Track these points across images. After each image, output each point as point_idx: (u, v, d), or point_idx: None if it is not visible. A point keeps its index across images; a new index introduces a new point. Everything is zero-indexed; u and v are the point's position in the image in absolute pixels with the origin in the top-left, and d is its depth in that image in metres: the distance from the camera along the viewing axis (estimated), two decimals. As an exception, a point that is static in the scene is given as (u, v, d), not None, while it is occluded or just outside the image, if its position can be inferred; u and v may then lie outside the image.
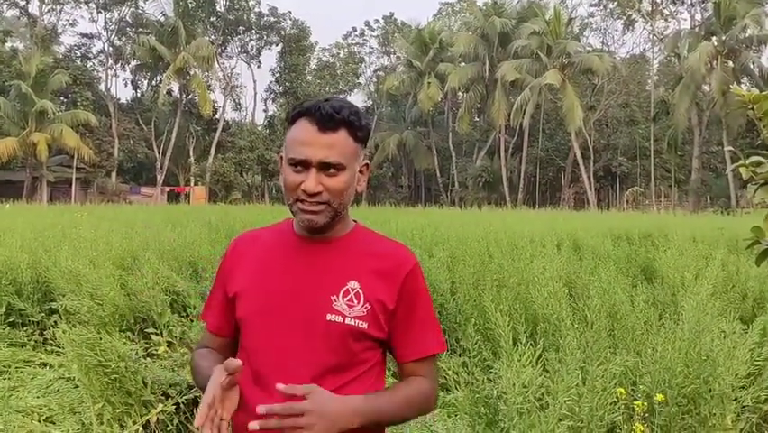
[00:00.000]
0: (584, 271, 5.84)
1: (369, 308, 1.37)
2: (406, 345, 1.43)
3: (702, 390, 3.02)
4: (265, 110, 57.98)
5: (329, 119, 1.33)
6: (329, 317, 1.35)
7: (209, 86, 48.19)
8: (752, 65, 35.11)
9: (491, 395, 2.98)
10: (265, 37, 52.80)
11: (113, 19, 46.92)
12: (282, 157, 1.41)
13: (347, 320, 1.35)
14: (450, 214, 20.35)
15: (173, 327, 4.93)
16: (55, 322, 5.30)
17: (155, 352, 4.54)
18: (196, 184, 47.24)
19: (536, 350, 3.06)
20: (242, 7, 49.97)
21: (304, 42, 52.52)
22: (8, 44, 45.64)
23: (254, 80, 75.13)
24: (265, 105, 55.94)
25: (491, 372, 3.50)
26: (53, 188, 41.10)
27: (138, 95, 50.93)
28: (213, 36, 49.06)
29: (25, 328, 5.63)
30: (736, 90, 2.12)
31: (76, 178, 41.35)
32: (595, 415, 2.74)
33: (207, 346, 1.55)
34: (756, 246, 2.09)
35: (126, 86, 51.65)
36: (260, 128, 53.55)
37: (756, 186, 2.04)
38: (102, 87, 47.38)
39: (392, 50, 58.90)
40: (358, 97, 57.15)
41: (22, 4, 45.08)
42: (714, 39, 35.64)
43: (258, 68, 68.73)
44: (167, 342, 4.70)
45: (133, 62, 47.05)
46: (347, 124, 1.36)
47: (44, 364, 4.73)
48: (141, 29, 45.63)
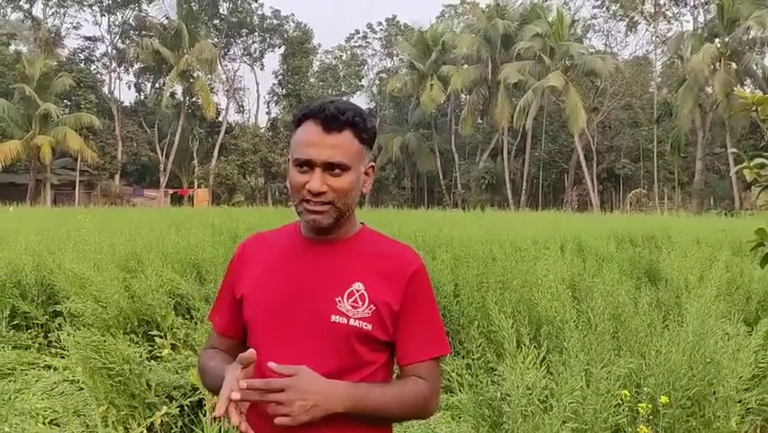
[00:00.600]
0: (587, 274, 5.83)
1: (373, 309, 1.37)
2: (408, 347, 1.41)
3: (706, 392, 3.02)
4: (268, 112, 57.97)
5: (334, 120, 1.35)
6: (333, 318, 1.35)
7: (212, 88, 48.35)
8: (755, 67, 35.04)
9: (495, 397, 2.98)
10: (268, 39, 52.95)
11: (116, 22, 47.14)
12: (289, 160, 1.43)
13: (351, 322, 1.35)
14: (453, 216, 20.35)
15: (177, 329, 4.94)
16: (59, 325, 5.33)
17: (159, 354, 4.55)
18: (199, 186, 47.32)
19: (540, 352, 3.06)
20: (245, 10, 50.14)
21: (307, 45, 52.62)
22: (12, 47, 45.94)
23: (257, 83, 75.35)
24: (268, 107, 55.99)
25: (495, 374, 3.49)
26: (57, 190, 41.23)
27: (141, 97, 51.12)
28: (216, 39, 49.18)
29: (30, 331, 5.66)
30: (740, 93, 2.12)
31: (79, 180, 41.48)
32: (599, 417, 2.73)
33: (215, 347, 1.55)
34: (760, 248, 2.09)
35: (130, 88, 52.00)
36: (262, 130, 53.59)
37: (760, 188, 2.04)
38: (105, 89, 47.61)
39: (395, 52, 58.86)
40: (360, 100, 57.13)
41: (26, 7, 45.28)
42: (717, 41, 35.58)
43: (261, 70, 69.08)
44: (171, 344, 4.71)
45: (137, 65, 47.33)
46: (352, 125, 1.37)
47: (49, 367, 4.75)
48: (144, 32, 45.82)
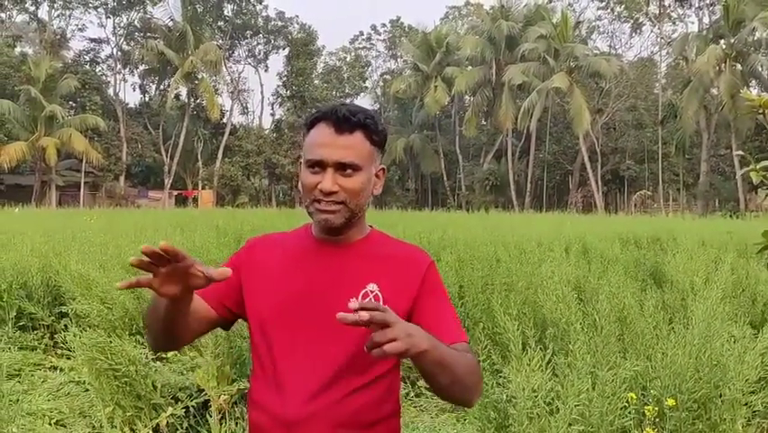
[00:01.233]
0: (593, 276, 5.82)
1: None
2: (444, 328, 1.34)
3: (713, 395, 3.01)
4: (272, 114, 58.17)
5: (345, 121, 1.37)
6: None
7: (217, 90, 48.44)
8: (760, 68, 34.85)
9: (501, 399, 2.98)
10: (272, 41, 53.02)
11: (121, 24, 47.27)
12: (301, 163, 1.43)
13: None
14: (457, 217, 20.31)
15: (182, 330, 4.94)
16: (65, 326, 5.34)
17: (164, 356, 4.55)
18: (203, 188, 47.41)
19: (546, 354, 3.05)
20: (250, 12, 50.25)
21: (311, 46, 52.66)
22: (18, 49, 46.14)
23: (261, 84, 74.92)
24: (272, 108, 56.13)
25: (500, 376, 3.49)
26: (62, 192, 41.36)
27: (146, 99, 51.23)
28: (220, 40, 49.23)
29: (36, 332, 5.68)
30: (746, 95, 2.12)
31: (84, 182, 41.60)
32: (605, 420, 2.73)
33: None
34: (767, 251, 2.09)
35: (134, 90, 52.14)
36: (267, 132, 53.63)
37: (767, 190, 2.04)
38: (110, 91, 47.73)
39: (399, 53, 58.93)
40: (365, 101, 57.19)
41: (32, 9, 45.47)
42: (722, 42, 35.48)
43: (265, 72, 69.20)
44: (176, 345, 4.70)
45: (142, 67, 47.43)
46: (363, 126, 1.38)
47: (55, 368, 4.77)
48: (149, 33, 45.95)
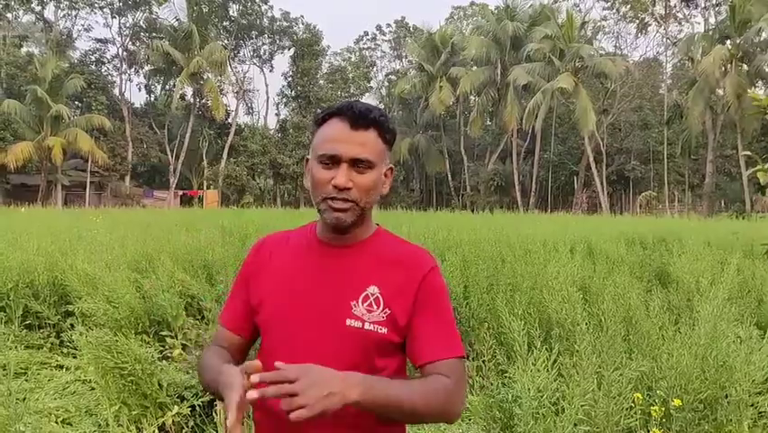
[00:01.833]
0: (598, 276, 5.81)
1: (388, 313, 1.36)
2: (426, 345, 1.36)
3: (719, 395, 3.01)
4: (277, 114, 58.36)
5: (362, 117, 1.36)
6: (348, 322, 1.34)
7: (222, 90, 48.62)
8: (767, 68, 34.78)
9: (506, 399, 2.97)
10: (277, 41, 53.14)
11: (127, 24, 47.40)
12: (308, 160, 1.43)
13: (366, 326, 1.34)
14: (462, 218, 20.28)
15: (188, 330, 4.96)
16: (71, 325, 5.37)
17: (170, 355, 4.56)
18: (208, 188, 47.53)
19: (551, 355, 3.05)
20: (255, 12, 50.33)
21: (316, 47, 52.74)
22: (24, 49, 46.33)
23: (266, 84, 75.43)
24: (277, 108, 56.19)
25: (506, 376, 3.49)
26: (68, 191, 41.51)
27: (152, 99, 51.43)
28: (226, 41, 49.38)
29: (42, 331, 5.69)
30: (753, 95, 2.12)
31: (90, 181, 41.73)
32: (611, 420, 2.73)
33: (221, 345, 1.51)
34: (774, 251, 2.08)
35: (140, 90, 52.63)
36: (272, 132, 53.76)
37: (774, 191, 2.04)
38: (116, 91, 47.89)
39: (404, 54, 58.98)
40: (369, 101, 56.94)
41: (38, 9, 45.64)
42: (728, 42, 35.36)
43: (270, 72, 69.40)
44: (181, 345, 4.73)
45: (147, 67, 47.54)
46: (377, 124, 1.39)
47: (61, 367, 4.78)
48: (154, 34, 46.07)
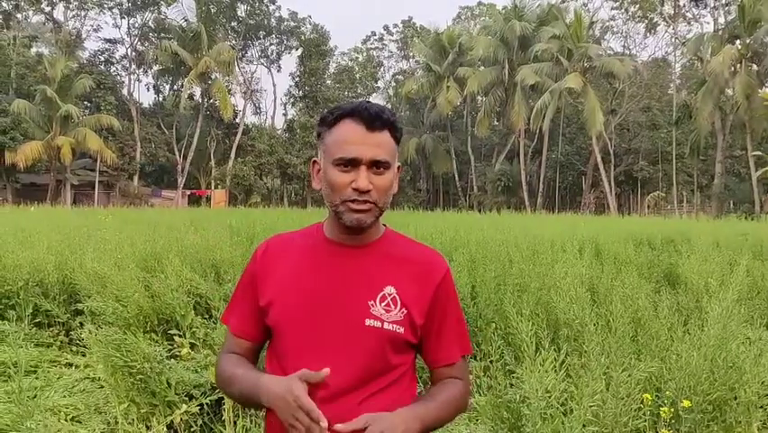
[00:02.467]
0: (606, 276, 5.79)
1: (405, 312, 1.37)
2: (441, 349, 1.45)
3: (728, 397, 2.99)
4: (284, 114, 58.50)
5: (377, 118, 1.36)
6: (368, 322, 1.35)
7: (230, 90, 48.72)
8: (776, 68, 34.56)
9: (514, 400, 2.97)
10: (285, 41, 53.28)
11: (136, 24, 47.67)
12: (316, 162, 1.43)
13: (385, 325, 1.35)
14: (469, 218, 20.27)
15: (196, 328, 4.97)
16: (81, 323, 5.40)
17: (178, 353, 4.58)
18: (216, 187, 47.69)
19: (559, 355, 3.04)
20: (263, 12, 50.50)
21: (323, 47, 52.85)
22: (34, 49, 46.65)
23: (274, 84, 76.11)
24: (285, 108, 56.39)
25: (513, 376, 3.48)
26: (77, 191, 41.76)
27: (160, 99, 51.61)
28: (234, 41, 49.54)
29: (51, 329, 5.74)
30: (763, 95, 2.10)
31: (99, 181, 41.97)
32: (619, 421, 2.72)
33: (233, 351, 1.51)
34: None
35: (149, 90, 52.84)
36: (279, 132, 53.91)
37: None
38: (125, 91, 48.16)
39: (411, 54, 58.95)
40: (377, 101, 56.94)
41: (48, 9, 45.92)
42: (738, 42, 35.13)
43: (278, 72, 69.58)
44: (190, 343, 4.74)
45: (156, 67, 47.73)
46: (390, 124, 1.39)
47: (70, 365, 4.81)
48: (163, 34, 46.29)
